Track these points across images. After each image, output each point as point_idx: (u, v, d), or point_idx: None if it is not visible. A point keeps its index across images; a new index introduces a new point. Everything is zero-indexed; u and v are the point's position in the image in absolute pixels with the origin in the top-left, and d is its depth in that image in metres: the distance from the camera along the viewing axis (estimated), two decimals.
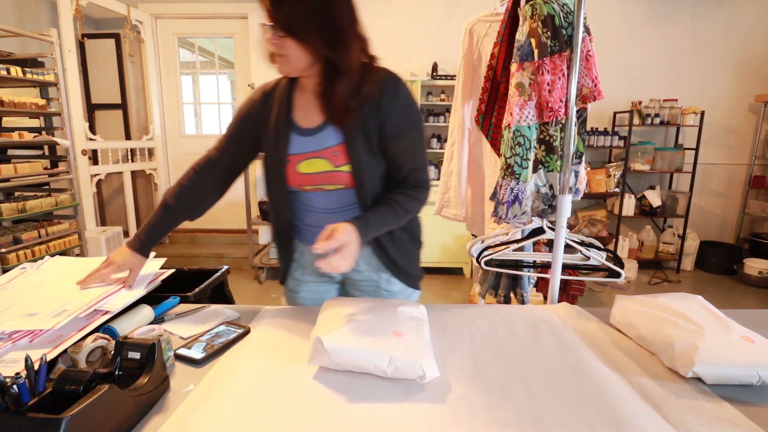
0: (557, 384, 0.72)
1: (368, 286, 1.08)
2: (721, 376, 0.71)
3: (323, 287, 1.13)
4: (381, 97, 0.92)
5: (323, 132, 0.95)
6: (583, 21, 1.17)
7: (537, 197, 1.39)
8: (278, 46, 0.86)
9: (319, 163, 0.95)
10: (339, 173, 0.95)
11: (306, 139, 0.96)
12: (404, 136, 0.95)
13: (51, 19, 3.49)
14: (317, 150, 0.95)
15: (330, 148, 0.94)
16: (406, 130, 0.95)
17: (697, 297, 0.93)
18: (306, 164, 0.96)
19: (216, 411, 0.64)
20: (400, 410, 0.65)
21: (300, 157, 0.96)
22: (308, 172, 0.96)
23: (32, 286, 0.97)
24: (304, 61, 0.89)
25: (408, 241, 1.07)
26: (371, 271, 1.06)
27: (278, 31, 0.85)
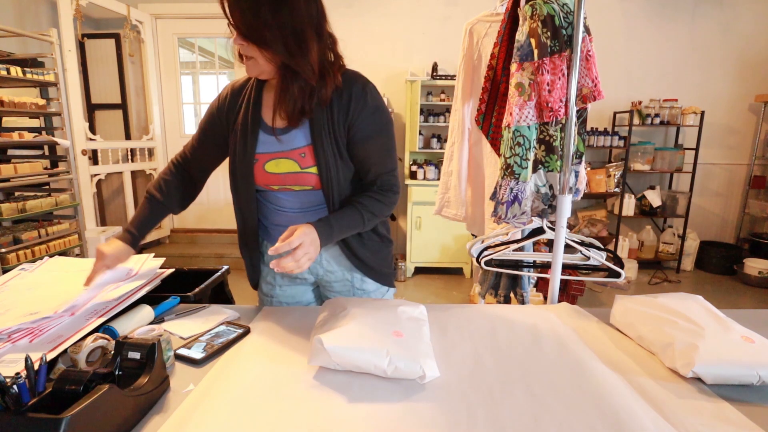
0: (557, 384, 0.72)
1: (342, 287, 1.09)
2: (721, 376, 0.71)
3: (298, 289, 1.13)
4: (349, 101, 0.92)
5: (291, 132, 0.94)
6: (583, 21, 1.17)
7: (537, 197, 1.39)
8: (244, 48, 0.85)
9: (286, 164, 0.95)
10: (306, 175, 0.95)
11: (274, 139, 0.95)
12: (372, 139, 0.95)
13: (51, 19, 3.49)
14: (285, 150, 0.95)
15: (297, 149, 0.94)
16: (374, 134, 0.94)
17: (697, 297, 0.93)
18: (273, 164, 0.96)
19: (216, 411, 0.64)
20: (400, 410, 0.65)
21: (268, 156, 0.96)
22: (275, 172, 0.96)
23: (32, 287, 0.97)
24: (270, 65, 0.87)
25: (377, 241, 1.07)
26: (343, 271, 1.07)
27: (241, 34, 0.83)
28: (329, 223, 0.90)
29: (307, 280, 1.11)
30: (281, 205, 1.02)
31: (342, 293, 1.09)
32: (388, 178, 0.98)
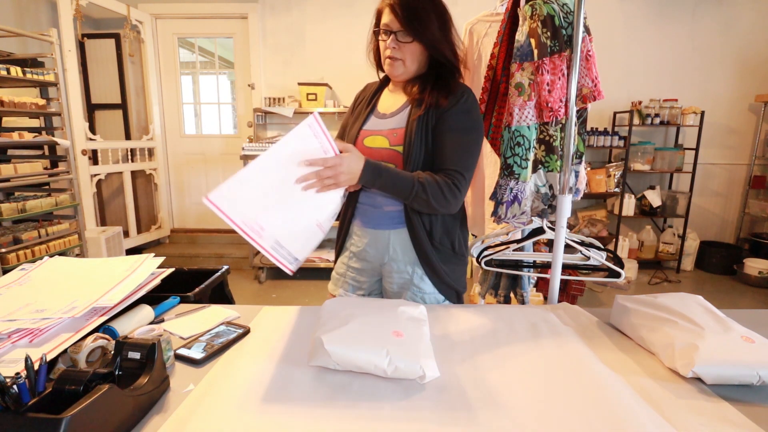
0: (557, 384, 0.72)
1: (401, 278, 1.12)
2: (721, 376, 0.71)
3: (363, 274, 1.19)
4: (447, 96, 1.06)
5: (394, 117, 1.10)
6: (583, 21, 1.17)
7: (537, 197, 1.39)
8: (397, 50, 1.03)
9: (379, 140, 1.09)
10: (392, 152, 1.07)
11: (378, 120, 1.12)
12: (454, 134, 1.03)
13: (51, 19, 3.49)
14: (383, 129, 1.10)
15: (392, 129, 1.08)
16: (458, 130, 1.04)
17: (697, 297, 0.93)
18: (370, 139, 1.10)
19: (216, 411, 0.64)
20: (400, 410, 0.65)
21: (368, 133, 1.11)
22: (370, 146, 1.10)
23: (35, 287, 0.97)
24: (417, 65, 1.06)
25: (448, 248, 1.11)
26: (406, 263, 1.11)
27: (405, 36, 1.02)
28: (379, 168, 0.97)
29: (372, 265, 1.17)
30: None
31: (401, 286, 1.13)
32: (457, 176, 1.01)
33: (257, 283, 3.51)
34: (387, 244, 1.12)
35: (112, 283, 0.94)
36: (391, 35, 1.03)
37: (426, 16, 1.02)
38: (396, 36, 1.02)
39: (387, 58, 1.06)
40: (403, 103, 1.10)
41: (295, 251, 0.93)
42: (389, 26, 1.03)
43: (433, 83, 1.07)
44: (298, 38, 3.88)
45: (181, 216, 4.39)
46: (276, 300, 3.21)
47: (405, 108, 1.09)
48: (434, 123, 1.04)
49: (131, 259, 1.06)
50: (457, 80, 1.09)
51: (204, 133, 4.31)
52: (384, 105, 1.15)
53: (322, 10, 3.80)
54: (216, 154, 4.24)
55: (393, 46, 1.03)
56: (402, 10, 1.00)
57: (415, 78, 1.10)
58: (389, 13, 1.02)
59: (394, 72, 1.07)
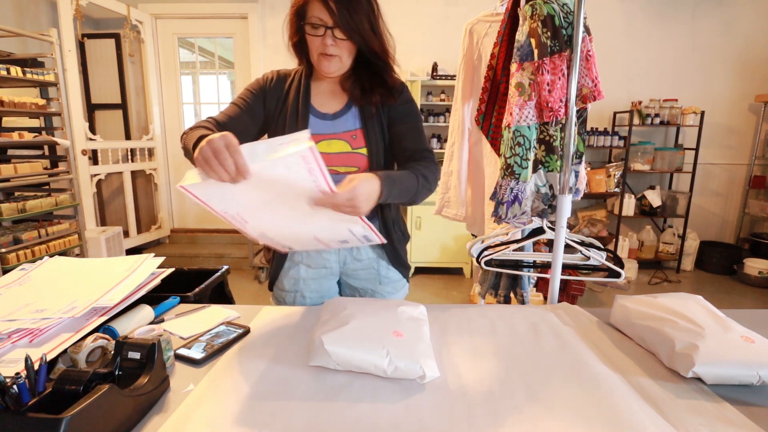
0: (557, 384, 0.72)
1: (368, 274, 1.14)
2: (721, 376, 0.71)
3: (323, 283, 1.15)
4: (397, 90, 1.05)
5: (343, 117, 1.05)
6: (583, 21, 1.17)
7: (537, 197, 1.39)
8: (335, 47, 0.96)
9: (338, 144, 1.03)
10: (356, 155, 1.03)
11: (324, 123, 1.04)
12: (408, 121, 1.05)
13: (51, 19, 3.49)
14: (337, 132, 1.04)
15: (349, 131, 1.04)
16: (408, 118, 1.05)
17: (697, 297, 0.93)
18: (325, 144, 1.03)
19: (216, 411, 0.64)
20: (400, 410, 0.65)
21: (319, 137, 1.03)
22: (327, 152, 1.03)
23: (35, 287, 0.97)
24: (351, 60, 1.01)
25: (400, 234, 1.15)
26: (370, 259, 1.13)
27: (341, 34, 0.94)
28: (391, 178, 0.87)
29: (332, 270, 1.14)
30: None
31: (367, 281, 1.14)
32: (426, 154, 1.03)
33: (257, 283, 3.50)
34: (348, 249, 1.11)
35: (112, 283, 0.94)
36: (325, 31, 0.94)
37: (359, 8, 0.94)
38: (332, 32, 0.94)
39: (321, 54, 0.97)
40: (346, 101, 1.05)
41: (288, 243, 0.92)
42: (323, 21, 0.93)
43: (371, 79, 1.03)
44: None
45: (181, 216, 4.39)
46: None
47: (351, 108, 1.05)
48: (387, 120, 1.05)
49: (131, 259, 1.06)
50: (392, 75, 1.05)
51: None
52: (321, 104, 1.06)
53: None
54: None
55: (330, 43, 0.95)
56: (337, 5, 0.92)
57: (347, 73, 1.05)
58: (320, 6, 0.93)
59: (329, 69, 0.99)
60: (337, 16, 0.93)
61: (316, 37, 0.96)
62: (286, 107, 1.05)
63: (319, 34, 0.95)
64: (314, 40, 0.97)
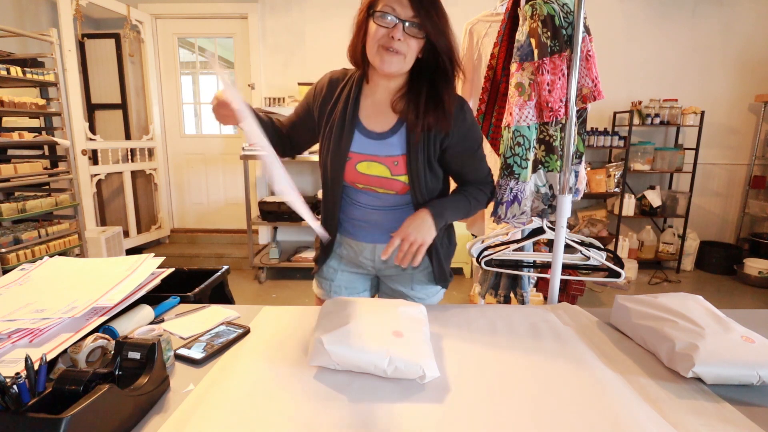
0: (557, 384, 0.72)
1: (402, 279, 1.13)
2: (721, 376, 0.71)
3: (356, 278, 1.18)
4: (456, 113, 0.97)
5: (388, 140, 0.98)
6: (583, 21, 1.17)
7: (537, 197, 1.39)
8: (402, 43, 0.87)
9: (377, 168, 0.99)
10: (395, 181, 0.99)
11: (369, 142, 0.98)
12: (468, 151, 1.01)
13: (51, 19, 3.49)
14: (379, 155, 0.98)
15: (392, 156, 0.97)
16: (469, 150, 1.01)
17: (697, 297, 0.93)
18: (365, 165, 0.99)
19: (216, 411, 0.64)
20: (400, 410, 0.65)
21: (361, 157, 0.99)
22: (365, 173, 1.00)
23: (35, 287, 0.97)
24: (411, 64, 0.92)
25: (447, 242, 1.14)
26: (406, 269, 1.11)
27: (414, 30, 0.87)
28: (442, 209, 0.96)
29: (368, 271, 1.16)
30: (361, 201, 1.07)
31: (403, 285, 1.14)
32: (486, 180, 1.08)
33: (257, 283, 3.50)
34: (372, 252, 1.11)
35: (112, 283, 0.94)
36: (397, 24, 0.85)
37: (440, 8, 0.88)
38: (404, 26, 0.86)
39: (384, 48, 0.88)
40: (395, 122, 0.97)
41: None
42: (397, 13, 0.85)
43: (426, 97, 0.93)
44: (298, 38, 3.88)
45: (181, 216, 4.39)
46: (276, 300, 3.21)
47: (399, 128, 0.97)
48: (440, 149, 0.97)
49: (131, 259, 1.06)
50: (451, 92, 0.95)
51: (204, 133, 4.31)
52: (369, 119, 0.99)
53: (322, 10, 3.80)
54: (216, 154, 4.24)
55: (398, 37, 0.86)
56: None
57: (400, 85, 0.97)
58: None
59: (390, 67, 0.89)
60: (416, 8, 0.85)
61: (381, 27, 0.87)
62: (333, 119, 1.00)
63: (388, 24, 0.86)
64: (379, 30, 0.87)
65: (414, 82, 0.95)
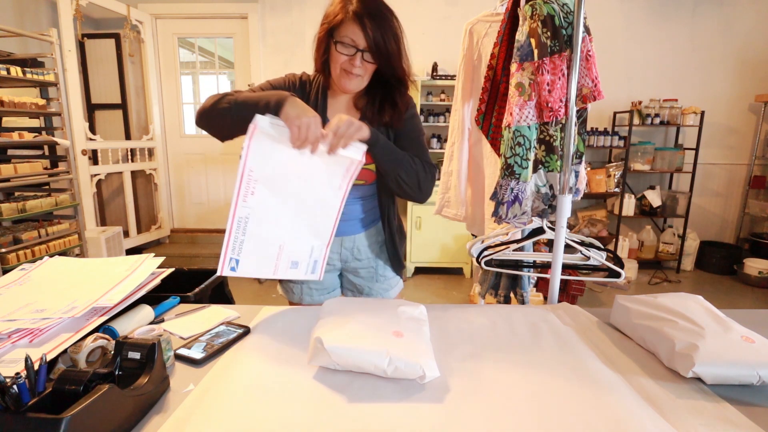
0: (557, 384, 0.72)
1: (367, 273, 1.21)
2: (721, 376, 0.71)
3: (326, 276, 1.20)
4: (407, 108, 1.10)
5: None
6: (583, 21, 1.17)
7: (537, 197, 1.39)
8: (360, 68, 0.99)
9: None
10: (366, 170, 1.07)
11: None
12: (414, 137, 1.11)
13: (51, 19, 3.49)
14: None
15: None
16: (413, 132, 1.11)
17: (697, 297, 0.93)
18: None
19: (216, 411, 0.64)
20: (400, 410, 0.65)
21: None
22: None
23: (35, 287, 0.97)
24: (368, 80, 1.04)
25: (398, 235, 1.22)
26: (369, 259, 1.19)
27: (371, 58, 0.98)
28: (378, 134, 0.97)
29: (334, 266, 1.20)
30: None
31: (366, 279, 1.21)
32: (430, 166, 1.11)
33: (257, 283, 3.51)
34: (352, 246, 1.17)
35: (112, 283, 0.94)
36: (356, 53, 0.97)
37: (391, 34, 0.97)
38: (362, 55, 0.97)
39: (345, 72, 1.00)
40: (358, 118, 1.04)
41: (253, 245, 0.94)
42: (356, 43, 0.96)
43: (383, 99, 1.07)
44: (298, 38, 3.88)
45: (181, 216, 4.39)
46: (276, 300, 3.21)
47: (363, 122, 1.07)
48: (393, 138, 1.09)
49: (131, 259, 1.06)
50: (405, 96, 1.08)
51: (204, 133, 4.29)
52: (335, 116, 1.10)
53: (322, 10, 3.79)
54: (216, 154, 4.24)
55: (358, 64, 0.98)
56: (372, 30, 0.94)
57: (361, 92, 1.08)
58: (356, 27, 0.95)
59: (350, 87, 1.02)
60: (371, 40, 0.95)
61: (342, 54, 0.98)
62: None
63: (349, 53, 0.98)
64: (340, 56, 0.98)
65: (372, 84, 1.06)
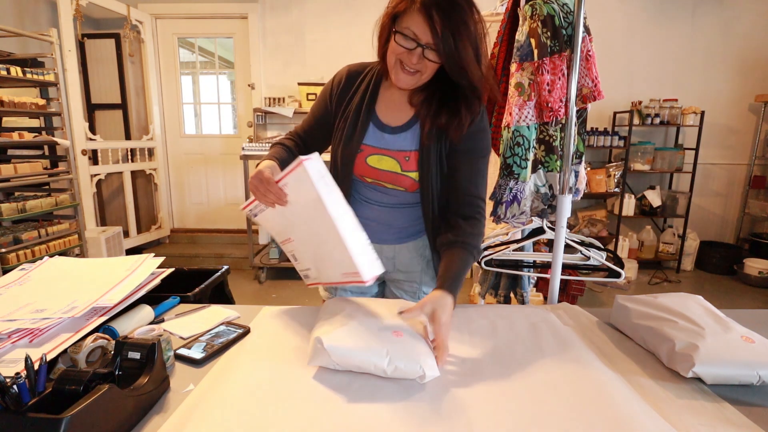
0: (557, 384, 0.71)
1: (410, 288, 1.12)
2: (721, 376, 0.71)
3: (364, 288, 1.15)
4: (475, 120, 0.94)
5: (402, 134, 0.97)
6: (583, 21, 1.17)
7: (537, 197, 1.39)
8: (419, 64, 0.85)
9: (387, 162, 0.98)
10: (404, 177, 0.97)
11: (382, 135, 0.98)
12: (470, 156, 0.96)
13: (51, 19, 3.49)
14: (391, 149, 0.97)
15: (403, 151, 0.97)
16: (474, 151, 0.96)
17: (697, 297, 0.93)
18: (376, 159, 0.98)
19: (216, 411, 0.64)
20: (400, 410, 0.65)
21: (372, 150, 0.98)
22: (376, 167, 0.98)
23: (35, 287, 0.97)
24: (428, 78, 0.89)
25: None
26: (416, 273, 1.10)
27: (434, 56, 0.83)
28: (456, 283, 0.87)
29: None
30: (368, 197, 1.05)
31: (409, 293, 1.12)
32: (476, 205, 0.97)
33: (257, 283, 3.50)
34: (393, 257, 1.09)
35: (112, 283, 0.94)
36: (416, 47, 0.83)
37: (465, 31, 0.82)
38: (423, 51, 0.83)
39: (401, 64, 0.87)
40: (410, 117, 0.96)
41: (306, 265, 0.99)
42: (417, 37, 0.82)
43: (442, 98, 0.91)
44: (298, 38, 3.89)
45: (181, 216, 4.39)
46: (276, 300, 3.21)
47: (414, 124, 0.96)
48: (448, 149, 0.95)
49: (131, 259, 1.06)
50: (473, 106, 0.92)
51: (204, 133, 4.31)
52: (385, 113, 0.98)
53: (322, 10, 3.80)
54: (216, 154, 4.24)
55: (416, 61, 0.84)
56: (441, 25, 0.80)
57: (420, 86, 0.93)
58: (421, 19, 0.80)
59: (403, 83, 0.89)
60: (438, 37, 0.80)
61: (403, 49, 0.84)
62: (349, 110, 0.99)
63: (408, 47, 0.84)
64: (398, 47, 0.85)
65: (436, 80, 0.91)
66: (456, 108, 0.91)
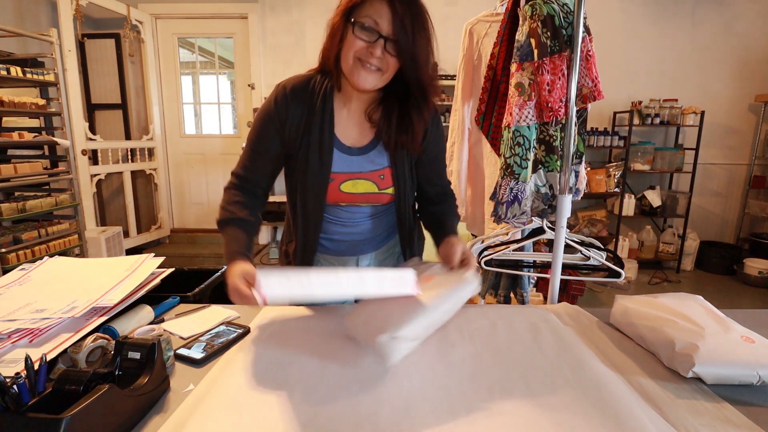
0: (557, 384, 0.71)
1: None
2: (721, 376, 0.71)
3: None
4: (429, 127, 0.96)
5: (370, 154, 0.94)
6: (583, 21, 1.17)
7: (537, 197, 1.39)
8: (381, 61, 0.81)
9: (364, 185, 0.94)
10: (382, 195, 0.97)
11: (350, 159, 0.93)
12: (438, 161, 1.05)
13: (51, 19, 3.49)
14: (364, 171, 0.94)
15: (377, 171, 0.95)
16: (440, 156, 1.06)
17: (697, 297, 0.93)
18: (350, 184, 0.94)
19: (216, 411, 0.64)
20: (400, 410, 0.65)
21: (344, 177, 0.93)
22: (351, 192, 0.94)
23: (35, 287, 0.97)
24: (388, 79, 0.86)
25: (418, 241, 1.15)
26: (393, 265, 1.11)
27: (394, 50, 0.80)
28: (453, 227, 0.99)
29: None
30: (342, 217, 1.01)
31: None
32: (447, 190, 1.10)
33: None
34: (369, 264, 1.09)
35: (112, 283, 0.94)
36: (378, 39, 0.79)
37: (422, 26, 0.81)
38: (385, 44, 0.79)
39: (360, 61, 0.81)
40: (373, 134, 0.94)
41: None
42: (379, 27, 0.78)
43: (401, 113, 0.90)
44: (298, 38, 3.89)
45: (181, 216, 4.39)
46: None
47: (377, 142, 0.94)
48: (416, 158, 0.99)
49: (131, 259, 1.06)
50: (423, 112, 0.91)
51: (204, 133, 4.31)
52: (346, 135, 0.93)
53: (322, 10, 3.80)
54: (216, 154, 4.24)
55: (378, 55, 0.80)
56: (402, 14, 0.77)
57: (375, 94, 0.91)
58: (383, 7, 0.78)
59: (365, 84, 0.83)
60: (399, 26, 0.78)
61: (360, 40, 0.79)
62: (308, 138, 0.91)
63: (369, 39, 0.79)
64: (357, 42, 0.80)
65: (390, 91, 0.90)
66: (410, 120, 0.90)
